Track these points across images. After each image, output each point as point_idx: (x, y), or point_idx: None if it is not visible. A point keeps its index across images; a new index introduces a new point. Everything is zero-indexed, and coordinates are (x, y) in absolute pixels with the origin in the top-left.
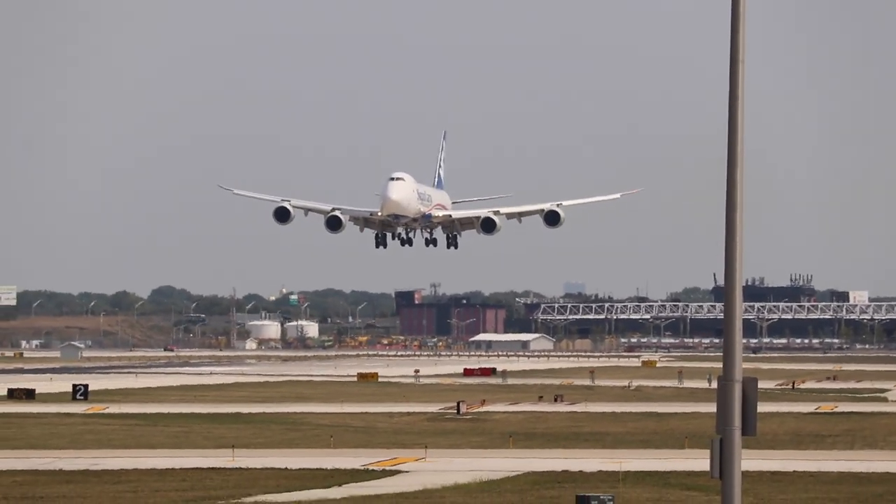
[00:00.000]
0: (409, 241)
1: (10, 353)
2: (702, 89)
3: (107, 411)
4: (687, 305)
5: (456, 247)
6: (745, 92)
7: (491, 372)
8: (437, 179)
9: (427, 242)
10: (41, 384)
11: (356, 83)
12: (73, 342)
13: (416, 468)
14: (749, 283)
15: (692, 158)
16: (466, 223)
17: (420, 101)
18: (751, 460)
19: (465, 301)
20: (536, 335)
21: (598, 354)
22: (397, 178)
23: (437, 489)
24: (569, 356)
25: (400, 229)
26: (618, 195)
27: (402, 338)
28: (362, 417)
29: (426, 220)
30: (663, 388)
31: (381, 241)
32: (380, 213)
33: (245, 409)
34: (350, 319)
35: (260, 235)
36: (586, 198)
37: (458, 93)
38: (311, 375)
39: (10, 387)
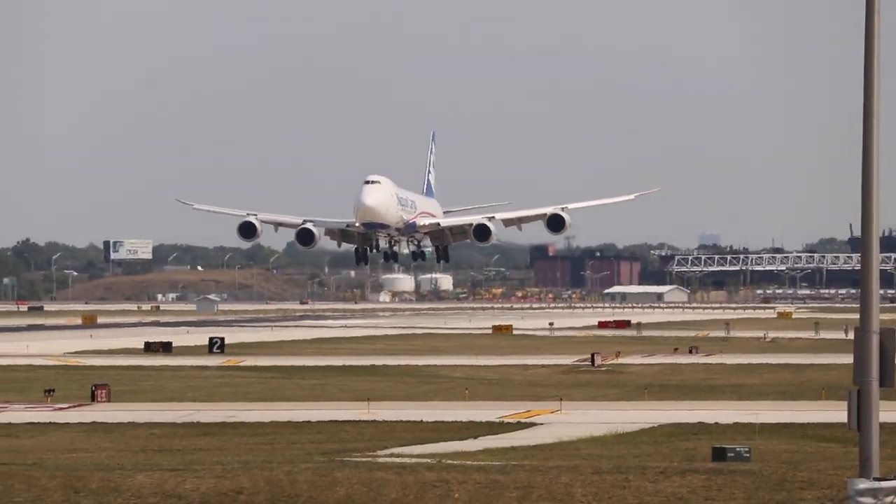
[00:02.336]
0: (395, 256)
1: (146, 307)
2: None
3: (243, 364)
4: (823, 256)
5: (447, 259)
6: (880, 28)
7: (626, 324)
8: (426, 186)
9: (414, 256)
10: (178, 337)
11: (336, 84)
12: (208, 295)
13: (551, 420)
14: (886, 234)
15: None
16: (458, 232)
17: (407, 102)
18: (889, 412)
19: (599, 253)
20: (671, 287)
21: (734, 306)
22: (373, 182)
23: (572, 441)
24: (703, 308)
25: (382, 241)
26: (632, 196)
27: (536, 290)
28: (497, 370)
29: (411, 230)
30: (799, 340)
31: (361, 257)
32: (356, 221)
33: (380, 361)
34: (484, 272)
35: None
36: (595, 200)
37: (446, 94)
38: (446, 328)
39: (148, 340)
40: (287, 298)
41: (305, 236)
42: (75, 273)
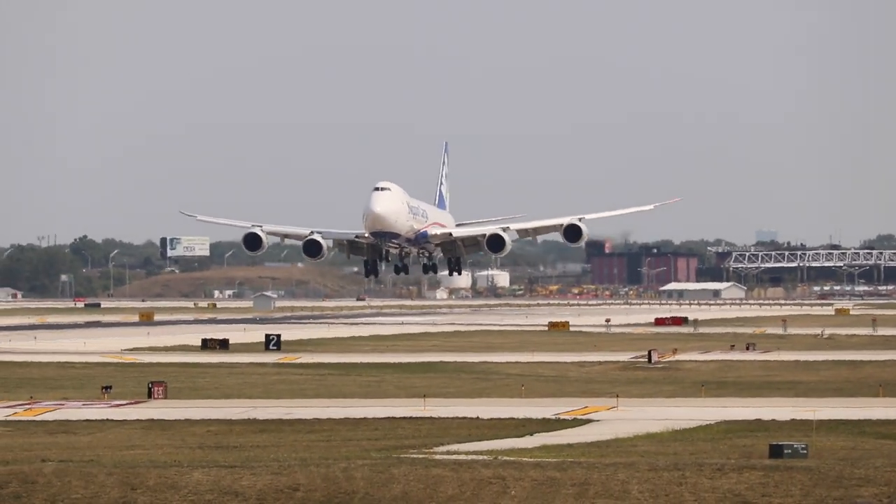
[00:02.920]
0: (405, 268)
1: (203, 304)
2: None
3: (299, 361)
4: (881, 253)
5: (459, 272)
6: None
7: (682, 321)
8: (438, 198)
9: (425, 269)
10: (234, 334)
11: (345, 94)
12: (265, 292)
13: (607, 417)
14: None
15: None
16: (471, 243)
17: (418, 113)
18: None
19: (655, 250)
20: (728, 284)
21: (791, 302)
22: (382, 188)
23: (628, 438)
24: (760, 304)
25: (392, 251)
26: (651, 206)
27: (592, 287)
28: (553, 366)
29: (422, 241)
30: (857, 336)
31: (371, 269)
32: (364, 231)
33: (436, 358)
34: (541, 268)
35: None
36: (613, 210)
37: (458, 106)
38: (502, 324)
39: (205, 337)
40: (344, 295)
41: (312, 247)
42: (132, 270)
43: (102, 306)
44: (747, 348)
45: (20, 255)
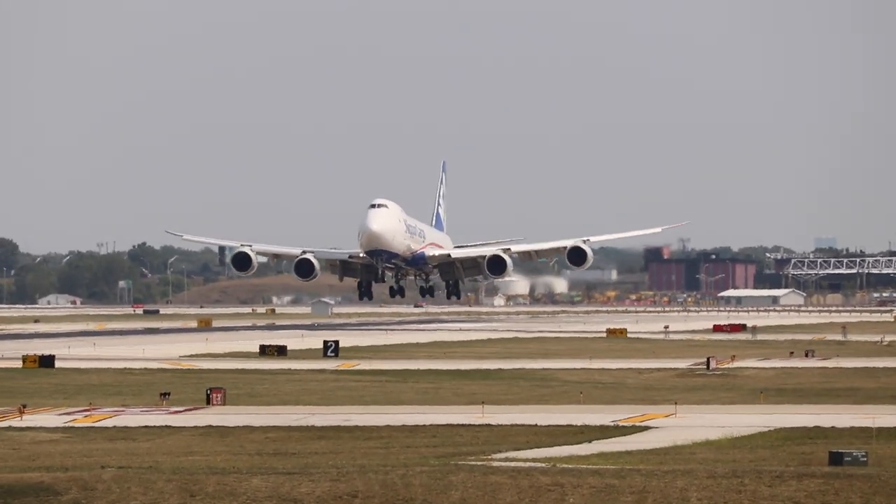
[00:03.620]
0: (401, 291)
1: (262, 310)
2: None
3: (357, 368)
4: None
5: (458, 296)
6: None
7: (741, 327)
8: (435, 218)
9: (423, 292)
10: (292, 341)
11: (342, 112)
12: (323, 299)
13: (666, 424)
14: None
15: None
16: (470, 265)
17: (416, 132)
18: None
19: (714, 256)
20: (787, 290)
21: (850, 309)
22: (379, 206)
23: (687, 445)
24: (819, 311)
25: (388, 273)
26: (659, 229)
27: (650, 293)
28: (611, 373)
29: (420, 262)
30: None
31: (365, 292)
32: (360, 251)
33: (494, 365)
34: (599, 275)
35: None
36: (620, 233)
37: (457, 120)
38: (560, 331)
39: (263, 343)
40: (401, 302)
41: (304, 267)
42: (191, 277)
43: (161, 313)
44: (806, 355)
45: (79, 262)
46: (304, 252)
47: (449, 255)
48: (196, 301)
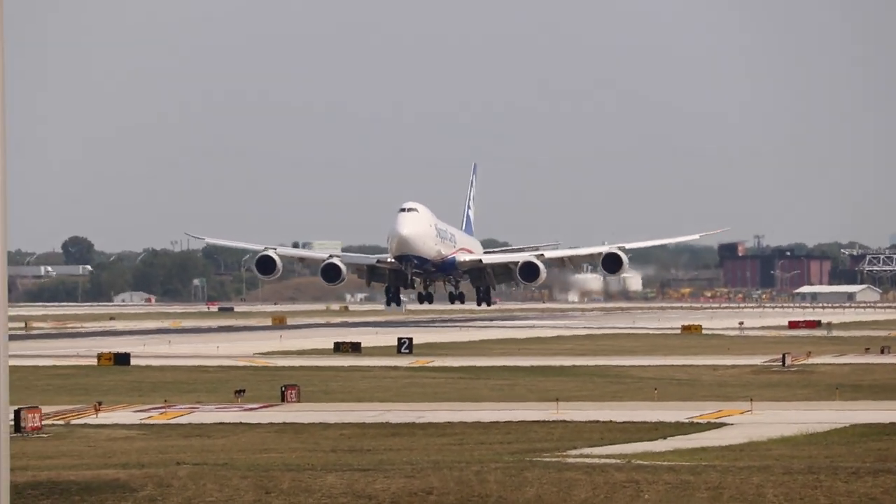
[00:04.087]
0: (429, 298)
1: (335, 307)
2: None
3: (431, 364)
4: None
5: (489, 303)
6: None
7: (816, 324)
8: (465, 222)
9: (452, 298)
10: (366, 337)
11: (369, 113)
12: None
13: (741, 421)
14: None
15: None
16: (501, 272)
17: (446, 134)
18: None
19: (788, 253)
20: (862, 286)
21: None
22: (409, 209)
23: (762, 442)
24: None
25: (417, 279)
26: (697, 236)
27: (725, 290)
28: (686, 370)
29: (450, 267)
30: None
31: (392, 297)
32: (389, 255)
33: (568, 361)
34: (672, 271)
35: (582, 188)
36: (657, 239)
37: (488, 125)
38: (634, 328)
39: (337, 340)
40: (472, 298)
41: (331, 272)
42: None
43: (235, 310)
44: (882, 351)
45: (154, 259)
46: (330, 256)
47: (480, 261)
48: (270, 298)
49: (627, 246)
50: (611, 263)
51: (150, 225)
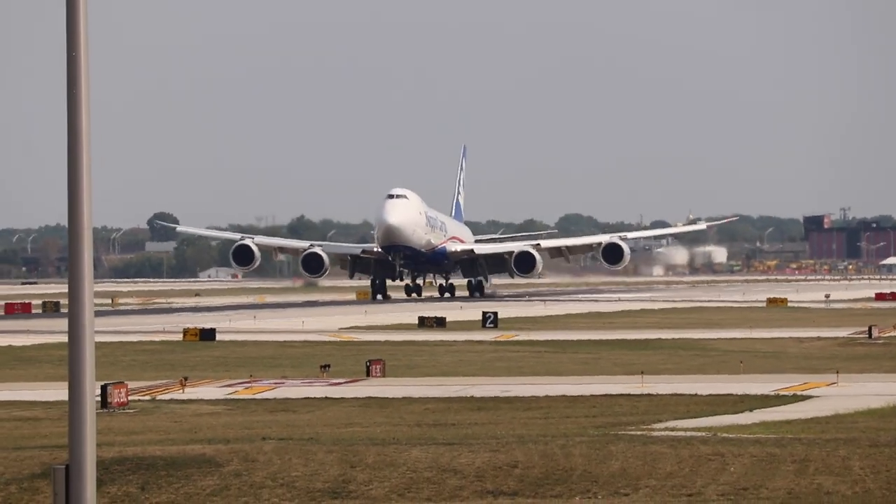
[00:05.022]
0: (418, 290)
1: (419, 282)
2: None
3: (516, 338)
4: None
5: (482, 293)
6: None
7: None
8: (454, 208)
9: (442, 290)
10: (451, 312)
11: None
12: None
13: (827, 393)
14: None
15: None
16: (495, 262)
17: (433, 111)
18: None
19: (875, 224)
20: None
21: None
22: (398, 196)
23: (849, 414)
24: None
25: (404, 269)
26: (703, 226)
27: (811, 262)
28: (772, 342)
29: (440, 258)
30: None
31: (378, 290)
32: (376, 245)
33: (653, 335)
34: (758, 244)
35: (666, 159)
36: (661, 229)
37: (477, 106)
38: (719, 301)
39: (422, 315)
40: (560, 272)
41: (312, 262)
42: None
43: (320, 285)
44: None
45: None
46: (311, 245)
47: (472, 251)
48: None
49: (630, 236)
50: (611, 254)
51: (235, 201)
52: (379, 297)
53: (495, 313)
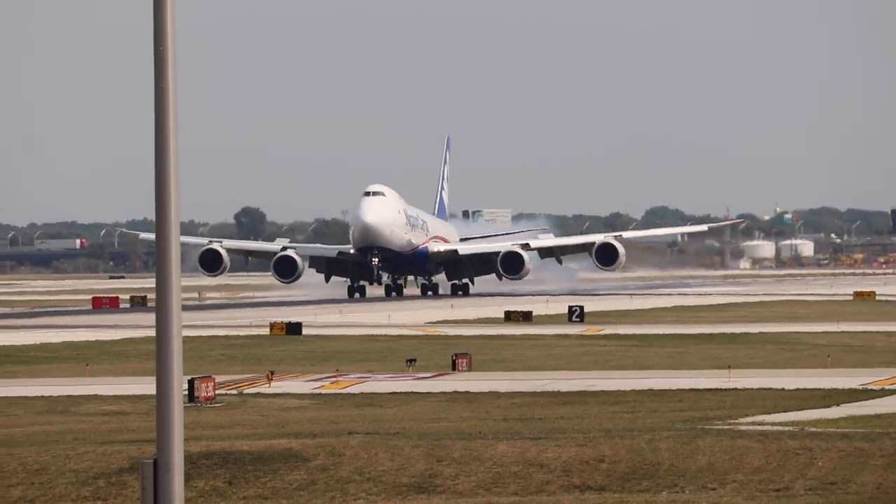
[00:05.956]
0: (399, 290)
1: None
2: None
3: (602, 332)
4: None
5: (466, 294)
6: None
7: None
8: (438, 205)
9: (424, 290)
10: (537, 306)
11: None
12: (568, 265)
13: None
14: None
15: None
16: (481, 263)
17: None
18: None
19: None
20: None
21: None
22: (374, 193)
23: None
24: None
25: (384, 271)
26: (705, 227)
27: None
28: (859, 336)
29: (421, 259)
30: None
31: (356, 290)
32: (352, 246)
33: (740, 328)
34: (845, 237)
35: (753, 155)
36: (662, 229)
37: (463, 95)
38: (806, 294)
39: (508, 309)
40: (645, 265)
41: (285, 266)
42: None
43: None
44: None
45: (325, 229)
46: (284, 248)
47: (456, 252)
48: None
49: (626, 235)
50: (605, 255)
51: (320, 195)
52: (357, 294)
53: (581, 307)
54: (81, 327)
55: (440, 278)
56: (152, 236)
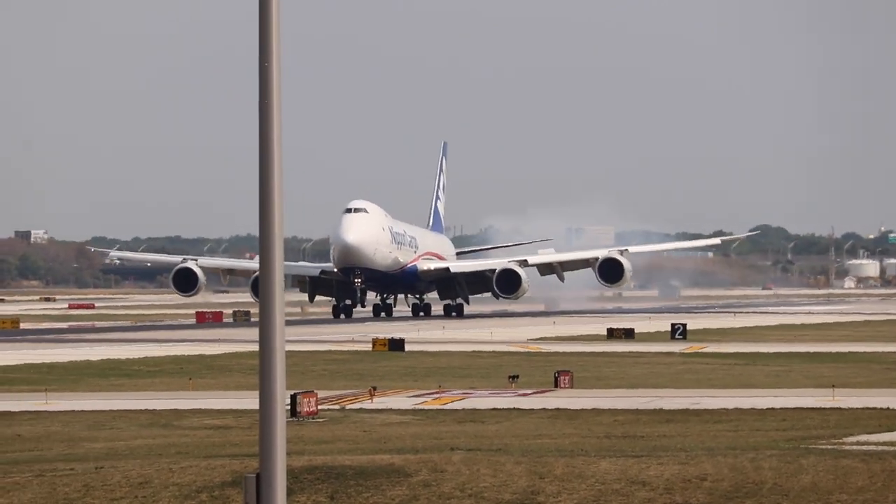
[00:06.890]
0: (388, 309)
1: (609, 293)
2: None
3: (705, 350)
4: None
5: (460, 314)
6: None
7: None
8: (432, 216)
9: (416, 310)
10: (640, 323)
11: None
12: (671, 281)
13: None
14: None
15: None
16: (476, 281)
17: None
18: None
19: None
20: None
21: None
22: (356, 210)
23: None
24: None
25: (369, 291)
26: (718, 241)
27: None
28: None
29: (410, 278)
30: None
31: (342, 310)
32: (334, 267)
33: (845, 348)
34: None
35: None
36: (665, 244)
37: (460, 104)
38: None
39: (610, 326)
40: (749, 284)
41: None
42: None
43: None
44: None
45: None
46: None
47: (447, 270)
48: (541, 286)
49: (632, 250)
50: (609, 271)
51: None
52: (342, 315)
53: (684, 325)
54: (185, 341)
55: (434, 297)
56: (127, 254)
